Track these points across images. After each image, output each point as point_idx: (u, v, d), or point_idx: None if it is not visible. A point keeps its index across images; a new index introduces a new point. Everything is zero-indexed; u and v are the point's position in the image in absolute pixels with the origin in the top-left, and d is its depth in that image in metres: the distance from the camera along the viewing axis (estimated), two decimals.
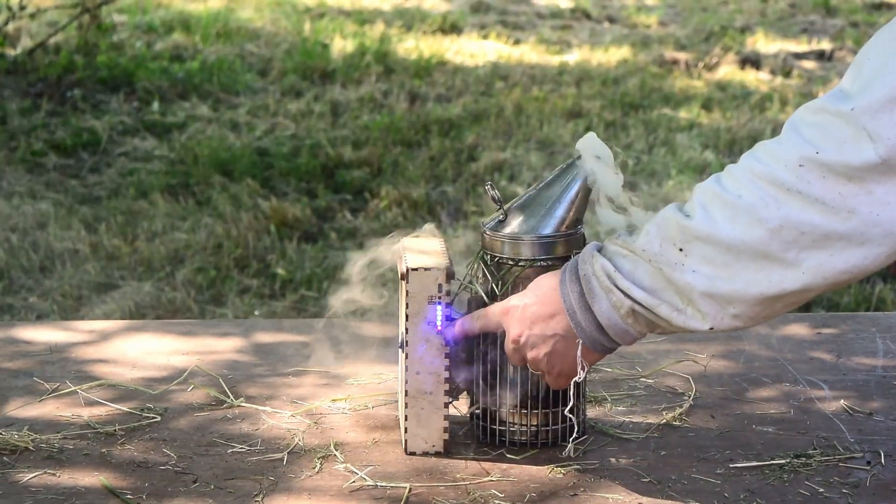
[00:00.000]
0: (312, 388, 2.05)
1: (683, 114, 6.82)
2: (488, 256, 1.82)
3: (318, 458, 1.81)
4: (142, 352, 2.19)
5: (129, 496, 1.70)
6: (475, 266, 1.85)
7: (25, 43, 7.68)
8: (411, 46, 8.17)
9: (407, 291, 1.78)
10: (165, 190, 5.66)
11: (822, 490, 1.74)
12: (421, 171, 5.88)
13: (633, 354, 2.18)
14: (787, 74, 7.90)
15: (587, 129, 5.46)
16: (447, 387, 1.81)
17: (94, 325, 2.39)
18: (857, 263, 1.52)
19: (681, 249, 1.59)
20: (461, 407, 1.90)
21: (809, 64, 8.23)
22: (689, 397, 2.02)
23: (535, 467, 1.79)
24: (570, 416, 1.77)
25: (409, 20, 8.85)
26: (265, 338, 2.27)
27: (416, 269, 1.78)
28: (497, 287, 1.81)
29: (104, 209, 5.46)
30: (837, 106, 1.48)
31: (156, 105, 6.84)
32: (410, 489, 1.72)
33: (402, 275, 1.80)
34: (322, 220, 5.47)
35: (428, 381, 1.80)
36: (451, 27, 8.74)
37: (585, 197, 1.80)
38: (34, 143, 6.20)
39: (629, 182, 5.79)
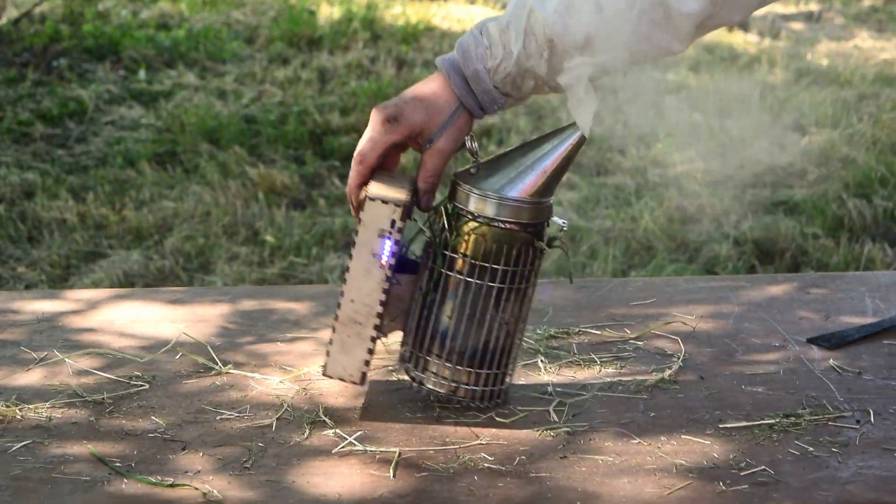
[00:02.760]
0: (301, 354, 2.05)
1: (671, 76, 6.81)
2: (451, 206, 1.80)
3: (308, 424, 1.81)
4: (130, 320, 2.19)
5: (117, 464, 1.69)
6: (437, 212, 1.83)
7: (11, 13, 7.64)
8: (398, 12, 8.14)
9: (359, 219, 1.76)
10: (153, 158, 5.64)
11: (811, 449, 1.74)
12: None
13: (622, 317, 2.18)
14: (775, 36, 7.88)
15: None
16: (377, 322, 1.78)
17: (82, 294, 2.38)
18: None
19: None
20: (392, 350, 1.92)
21: (797, 25, 8.21)
22: (678, 359, 2.02)
23: (524, 431, 1.79)
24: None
25: None
26: (253, 305, 2.26)
27: (373, 199, 1.74)
28: (450, 236, 1.79)
29: (91, 178, 5.44)
30: None
31: (142, 73, 6.81)
32: (400, 454, 1.72)
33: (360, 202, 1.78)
34: (310, 186, 5.46)
35: (360, 312, 1.78)
36: None
37: (561, 169, 1.78)
38: (20, 112, 6.17)
39: (617, 146, 5.78)
